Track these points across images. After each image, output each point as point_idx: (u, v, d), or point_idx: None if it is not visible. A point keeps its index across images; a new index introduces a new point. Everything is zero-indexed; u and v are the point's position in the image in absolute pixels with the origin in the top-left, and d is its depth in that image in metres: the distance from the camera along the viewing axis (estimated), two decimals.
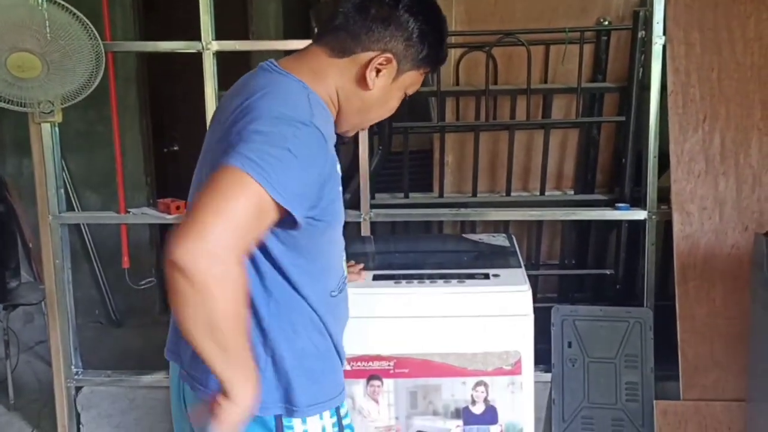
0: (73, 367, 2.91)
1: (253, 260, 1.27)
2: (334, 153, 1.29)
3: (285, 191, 1.15)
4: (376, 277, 2.02)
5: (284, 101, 1.24)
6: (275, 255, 1.28)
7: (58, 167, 2.80)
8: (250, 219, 1.13)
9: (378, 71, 1.30)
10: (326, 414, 1.37)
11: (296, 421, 1.33)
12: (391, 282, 1.98)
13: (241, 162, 1.13)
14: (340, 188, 1.32)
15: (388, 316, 1.95)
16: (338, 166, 1.31)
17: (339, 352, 1.42)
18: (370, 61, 1.29)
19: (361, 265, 2.05)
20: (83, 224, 3.94)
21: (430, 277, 2.00)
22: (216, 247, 1.08)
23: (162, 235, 4.31)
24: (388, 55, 1.29)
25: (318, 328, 1.36)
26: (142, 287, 4.04)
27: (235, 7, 4.10)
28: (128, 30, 3.94)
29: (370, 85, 1.31)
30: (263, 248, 1.27)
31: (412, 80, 1.36)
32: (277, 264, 1.29)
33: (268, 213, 1.17)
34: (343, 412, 1.41)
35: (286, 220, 1.21)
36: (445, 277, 1.99)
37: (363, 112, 1.36)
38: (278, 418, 1.32)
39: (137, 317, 4.16)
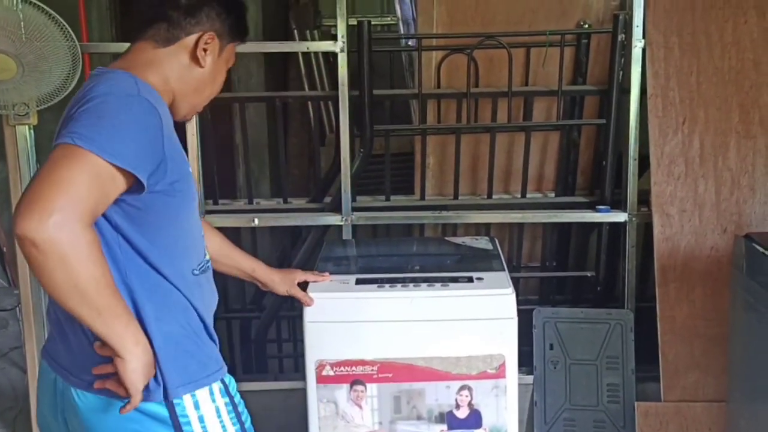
0: None
1: (110, 247, 1.33)
2: (175, 135, 1.39)
3: (119, 154, 1.22)
4: (359, 281, 2.01)
5: (110, 85, 1.33)
6: (132, 238, 1.34)
7: (33, 170, 2.75)
8: (89, 186, 1.19)
9: (205, 49, 1.44)
10: (215, 388, 1.43)
11: (187, 402, 1.38)
12: (374, 286, 1.97)
13: (70, 138, 1.20)
14: (190, 170, 1.43)
15: (371, 320, 1.93)
16: (182, 149, 1.41)
17: (209, 332, 1.48)
18: (197, 41, 1.43)
19: (327, 274, 2.03)
20: None
21: (414, 280, 1.99)
22: (59, 215, 1.14)
23: None
24: (211, 33, 1.44)
25: (184, 306, 1.42)
26: None
27: None
28: (104, 32, 3.90)
29: (203, 63, 1.44)
30: (120, 232, 1.33)
31: (230, 53, 1.52)
32: (135, 247, 1.35)
33: (110, 180, 1.23)
34: (232, 389, 1.48)
35: (134, 189, 1.28)
36: (429, 280, 1.98)
37: (199, 90, 1.48)
38: (170, 405, 1.37)
39: None
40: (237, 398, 1.49)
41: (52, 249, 1.14)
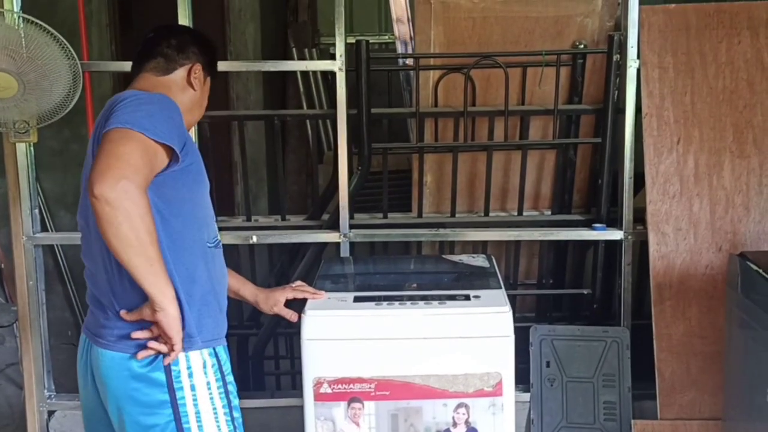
0: (45, 390, 2.86)
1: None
2: (189, 135, 1.71)
3: (160, 132, 1.55)
4: (356, 299, 2.01)
5: (134, 92, 1.68)
6: (162, 208, 1.61)
7: (33, 187, 2.76)
8: (142, 159, 1.51)
9: (196, 77, 1.80)
10: (205, 352, 1.68)
11: (182, 369, 1.64)
12: (372, 303, 1.98)
13: (121, 123, 1.53)
14: (201, 162, 1.73)
15: (369, 338, 1.94)
16: (195, 146, 1.73)
17: (220, 302, 1.76)
18: (190, 70, 1.80)
19: (322, 293, 2.09)
20: (57, 245, 3.89)
21: (411, 298, 2.00)
22: (125, 181, 1.46)
23: None
24: (199, 64, 1.82)
25: (201, 272, 1.69)
26: None
27: (213, 27, 4.10)
28: (104, 49, 3.93)
29: (196, 87, 1.81)
30: (153, 203, 1.56)
31: (208, 85, 1.88)
32: (164, 216, 1.62)
33: (154, 154, 1.55)
34: (226, 369, 1.72)
35: (170, 163, 1.60)
36: (426, 298, 1.99)
37: (191, 111, 1.82)
38: (167, 370, 1.62)
39: None
40: (229, 378, 1.73)
41: (122, 205, 1.45)
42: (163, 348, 1.60)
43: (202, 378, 1.67)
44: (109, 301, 1.66)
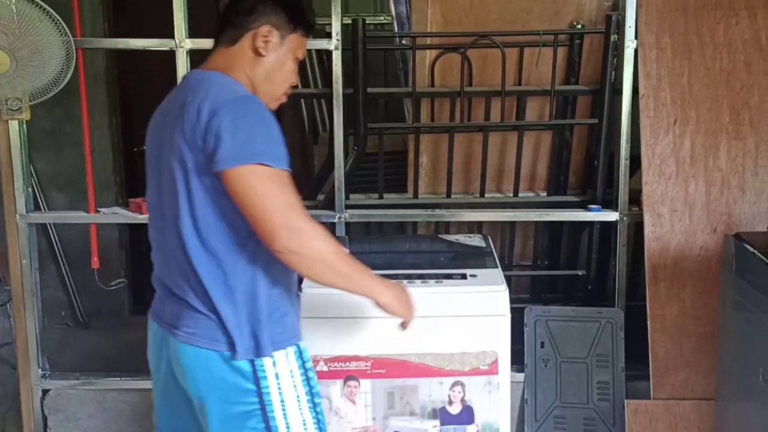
0: (39, 369, 2.86)
1: (230, 222, 1.56)
2: None
3: (281, 160, 1.53)
4: None
5: (223, 88, 1.57)
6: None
7: (26, 166, 2.74)
8: (289, 192, 1.52)
9: (265, 41, 1.64)
10: (290, 351, 1.64)
11: (266, 361, 1.60)
12: None
13: (249, 158, 1.48)
14: None
15: (365, 316, 1.94)
16: None
17: (293, 299, 1.72)
18: (255, 35, 1.64)
19: None
20: (50, 224, 3.86)
21: (408, 277, 2.00)
22: (297, 228, 1.49)
23: (132, 235, 4.24)
24: (267, 26, 1.64)
25: (283, 271, 1.64)
26: (111, 288, 3.97)
27: (207, 8, 4.06)
28: (97, 28, 3.87)
29: (263, 52, 1.64)
30: (235, 210, 1.54)
31: (296, 43, 1.70)
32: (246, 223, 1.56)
33: (283, 176, 1.53)
34: (306, 356, 1.68)
35: None
36: (423, 277, 1.99)
37: (269, 78, 1.67)
38: (251, 362, 1.59)
39: (105, 319, 4.09)
40: (309, 364, 1.69)
41: (307, 252, 1.51)
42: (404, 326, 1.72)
43: (286, 366, 1.64)
44: (198, 299, 1.60)
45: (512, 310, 1.97)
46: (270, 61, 1.66)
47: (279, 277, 1.65)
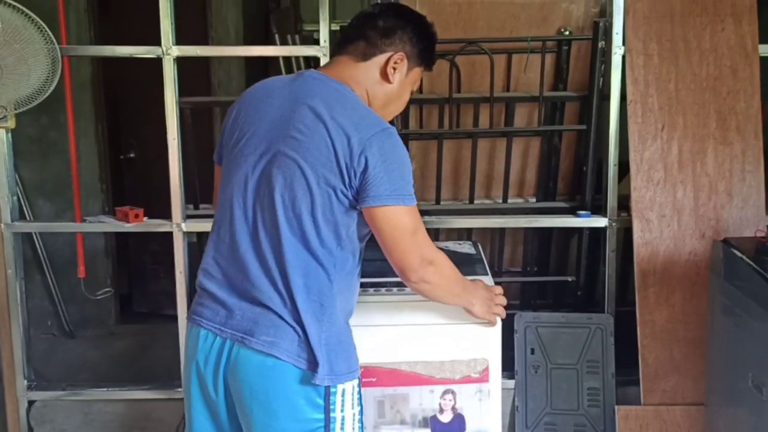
0: (25, 380, 2.82)
1: (343, 239, 1.61)
2: None
3: (414, 197, 1.60)
4: None
5: (366, 115, 1.58)
6: (346, 247, 1.64)
7: (11, 174, 2.71)
8: (421, 225, 1.62)
9: (395, 67, 1.64)
10: (356, 383, 1.64)
11: (339, 388, 1.59)
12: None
13: (394, 200, 1.55)
14: None
15: (354, 324, 1.92)
16: None
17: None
18: (389, 59, 1.64)
19: None
20: (35, 233, 3.83)
21: (398, 284, 1.98)
22: (427, 259, 1.62)
23: (118, 243, 4.21)
24: (401, 53, 1.64)
25: (351, 305, 1.70)
26: (98, 298, 3.93)
27: (194, 13, 4.05)
28: (83, 35, 3.85)
29: (391, 80, 1.65)
30: (346, 233, 1.61)
31: (416, 76, 1.72)
32: (349, 246, 1.65)
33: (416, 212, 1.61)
34: (360, 388, 1.68)
35: None
36: None
37: (386, 105, 1.68)
38: (326, 388, 1.58)
39: (91, 328, 4.06)
40: (361, 398, 1.70)
41: (438, 281, 1.66)
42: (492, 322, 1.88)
43: (350, 398, 1.63)
44: (286, 309, 1.58)
45: None
46: (392, 89, 1.67)
47: (351, 305, 1.71)
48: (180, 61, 2.67)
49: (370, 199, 1.54)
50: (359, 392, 1.66)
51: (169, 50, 2.64)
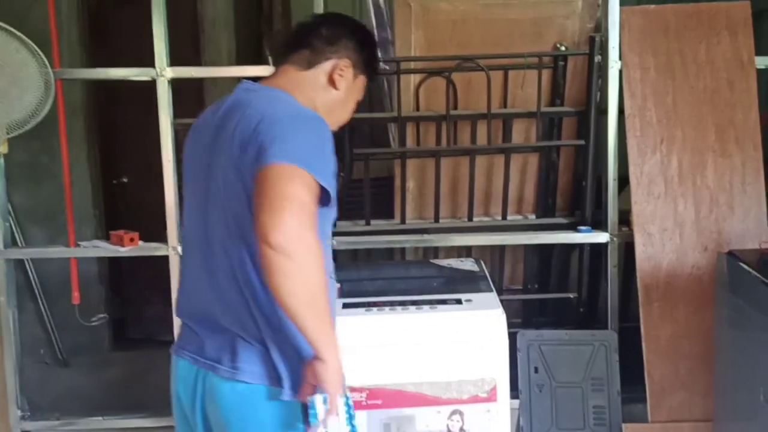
0: (18, 410, 2.76)
1: None
2: None
3: (323, 174, 1.41)
4: (345, 305, 1.96)
5: (291, 106, 1.50)
6: None
7: (3, 200, 2.67)
8: (311, 200, 1.38)
9: (341, 74, 1.61)
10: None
11: (318, 398, 1.45)
12: (362, 309, 1.93)
13: (288, 159, 1.37)
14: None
15: (359, 345, 1.88)
16: None
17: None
18: (335, 66, 1.61)
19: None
20: (28, 260, 3.77)
21: (402, 303, 1.95)
22: (299, 226, 1.33)
23: (112, 269, 4.16)
24: (347, 60, 1.62)
25: (331, 307, 1.50)
26: (93, 324, 3.87)
27: (187, 36, 4.03)
28: (75, 60, 3.83)
29: (338, 86, 1.61)
30: None
31: (361, 84, 1.68)
32: None
33: (316, 195, 1.40)
34: (349, 396, 1.55)
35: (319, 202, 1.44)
36: (417, 303, 1.95)
37: (332, 112, 1.62)
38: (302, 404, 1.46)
39: (85, 356, 3.99)
40: (353, 411, 1.56)
41: (299, 257, 1.32)
42: (308, 391, 1.46)
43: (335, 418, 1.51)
44: (245, 329, 1.49)
45: None
46: (339, 96, 1.63)
47: (332, 298, 1.57)
48: (173, 85, 2.64)
49: (260, 163, 1.39)
50: (347, 403, 1.55)
51: (163, 71, 2.62)
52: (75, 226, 2.90)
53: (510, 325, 2.91)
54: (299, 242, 1.32)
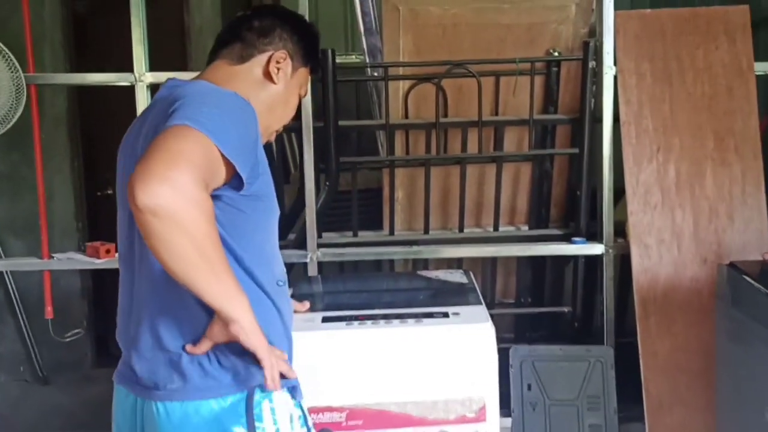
0: None
1: None
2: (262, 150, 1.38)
3: (226, 142, 1.23)
4: (325, 319, 1.85)
5: (203, 86, 1.37)
6: (228, 241, 1.33)
7: None
8: (201, 157, 1.19)
9: (278, 67, 1.48)
10: (286, 395, 1.40)
11: (261, 401, 1.36)
12: (342, 323, 1.82)
13: (184, 120, 1.21)
14: (272, 183, 1.41)
15: (338, 361, 1.78)
16: (267, 166, 1.39)
17: (290, 341, 1.49)
18: (270, 58, 1.48)
19: (307, 304, 1.93)
20: (7, 273, 3.66)
21: (385, 317, 1.84)
22: (175, 180, 1.14)
23: (96, 283, 4.05)
24: (283, 51, 1.49)
25: (274, 312, 1.42)
26: (67, 340, 3.75)
27: (173, 45, 3.96)
28: (59, 68, 3.75)
29: (275, 79, 1.48)
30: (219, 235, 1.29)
31: (303, 78, 1.56)
32: (232, 250, 1.34)
33: (217, 162, 1.23)
34: (300, 396, 1.45)
35: (232, 185, 1.29)
36: (401, 316, 1.83)
37: (272, 109, 1.50)
38: (245, 402, 1.36)
39: (66, 373, 3.87)
40: (305, 409, 1.47)
41: (167, 214, 1.14)
42: (268, 374, 1.31)
43: (284, 408, 1.40)
44: (173, 334, 1.36)
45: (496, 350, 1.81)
46: (277, 91, 1.50)
47: (281, 305, 1.45)
48: (155, 89, 2.56)
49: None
50: (299, 404, 1.44)
51: (142, 77, 2.54)
52: (57, 238, 2.82)
53: (502, 340, 2.81)
54: (171, 192, 1.13)
